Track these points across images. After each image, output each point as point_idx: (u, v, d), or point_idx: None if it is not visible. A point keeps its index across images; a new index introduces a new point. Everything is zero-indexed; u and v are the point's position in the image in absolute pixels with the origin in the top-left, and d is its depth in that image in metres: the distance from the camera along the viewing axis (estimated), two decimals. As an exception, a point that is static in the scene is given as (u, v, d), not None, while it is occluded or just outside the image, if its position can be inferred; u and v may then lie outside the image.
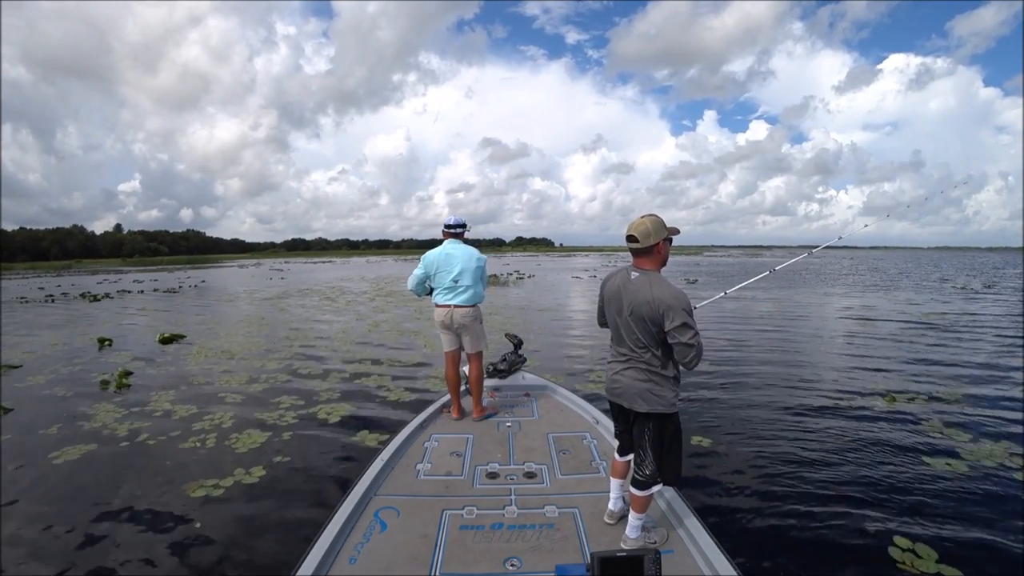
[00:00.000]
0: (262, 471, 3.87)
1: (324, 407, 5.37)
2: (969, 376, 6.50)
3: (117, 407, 5.62)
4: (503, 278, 27.49)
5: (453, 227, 3.69)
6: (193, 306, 16.89)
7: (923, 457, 3.97)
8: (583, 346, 8.64)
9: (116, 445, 4.56)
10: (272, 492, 3.58)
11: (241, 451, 4.31)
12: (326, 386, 6.22)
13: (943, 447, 4.19)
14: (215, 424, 4.97)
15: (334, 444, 4.41)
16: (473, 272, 3.61)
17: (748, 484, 3.61)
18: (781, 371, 6.89)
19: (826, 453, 4.12)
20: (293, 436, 4.61)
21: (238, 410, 5.39)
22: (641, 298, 2.08)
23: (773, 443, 4.34)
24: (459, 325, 3.66)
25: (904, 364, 7.20)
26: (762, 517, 3.18)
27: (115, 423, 5.10)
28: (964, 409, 5.15)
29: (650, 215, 2.15)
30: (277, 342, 9.41)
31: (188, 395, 6.03)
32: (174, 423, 5.05)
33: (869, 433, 4.54)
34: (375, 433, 4.56)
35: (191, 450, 4.38)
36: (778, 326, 10.65)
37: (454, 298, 3.62)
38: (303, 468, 3.95)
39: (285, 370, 7.12)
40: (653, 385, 2.13)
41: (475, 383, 3.76)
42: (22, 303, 18.84)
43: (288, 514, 3.30)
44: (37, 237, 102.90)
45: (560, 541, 2.25)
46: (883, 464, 3.92)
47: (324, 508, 3.16)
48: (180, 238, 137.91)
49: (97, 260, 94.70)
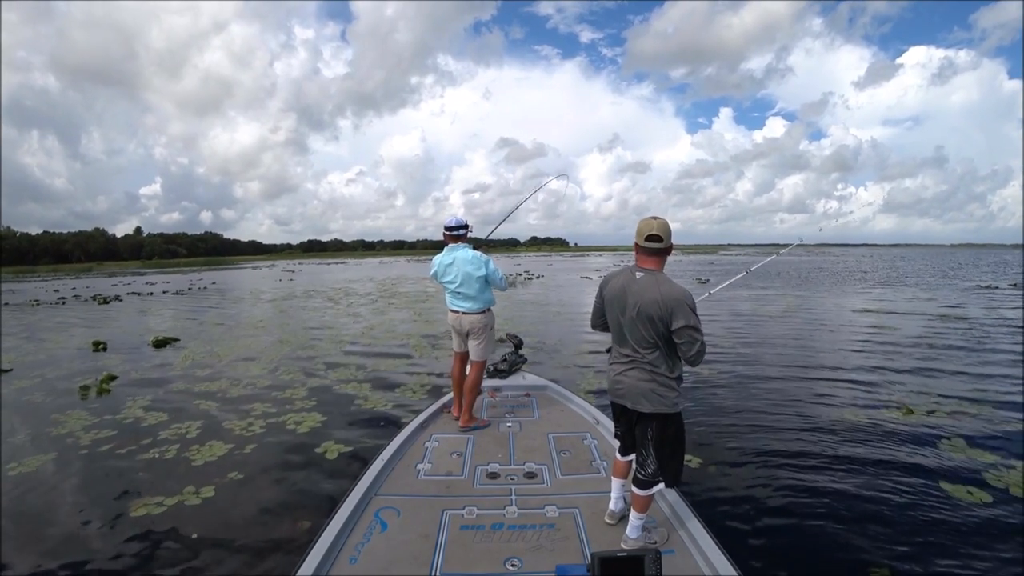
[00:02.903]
0: (211, 491, 3.60)
1: (294, 416, 5.11)
2: (997, 387, 5.86)
3: (90, 414, 5.46)
4: (511, 278, 27.24)
5: (453, 229, 3.52)
6: (196, 308, 16.92)
7: (941, 482, 3.49)
8: (581, 346, 8.31)
9: (76, 455, 4.39)
10: (212, 518, 3.28)
11: (198, 464, 4.08)
12: (303, 392, 5.98)
13: (965, 471, 3.70)
14: (180, 434, 4.75)
15: (294, 460, 4.13)
16: (476, 281, 3.49)
17: (750, 486, 3.54)
18: (790, 373, 6.63)
19: (832, 464, 3.87)
20: (255, 449, 4.35)
21: (207, 418, 5.17)
22: (649, 297, 2.08)
23: (778, 447, 4.19)
24: (468, 331, 3.60)
25: (924, 371, 6.64)
26: (763, 518, 3.14)
27: (81, 431, 4.93)
28: (991, 426, 4.58)
29: (657, 217, 2.19)
30: (267, 346, 9.24)
31: (163, 401, 5.85)
32: (140, 431, 4.86)
33: (881, 448, 4.12)
34: (339, 445, 4.29)
35: (149, 462, 4.17)
36: (790, 327, 10.21)
37: (461, 304, 3.56)
38: (253, 491, 3.66)
39: (267, 375, 6.90)
40: (657, 386, 2.13)
41: (470, 388, 3.61)
42: (33, 305, 19.11)
43: (219, 547, 2.98)
44: (60, 240, 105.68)
45: (560, 541, 2.25)
46: (893, 486, 3.51)
47: (254, 548, 2.93)
48: (198, 240, 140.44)
49: (117, 263, 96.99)
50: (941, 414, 4.87)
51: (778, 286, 19.60)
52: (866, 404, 5.27)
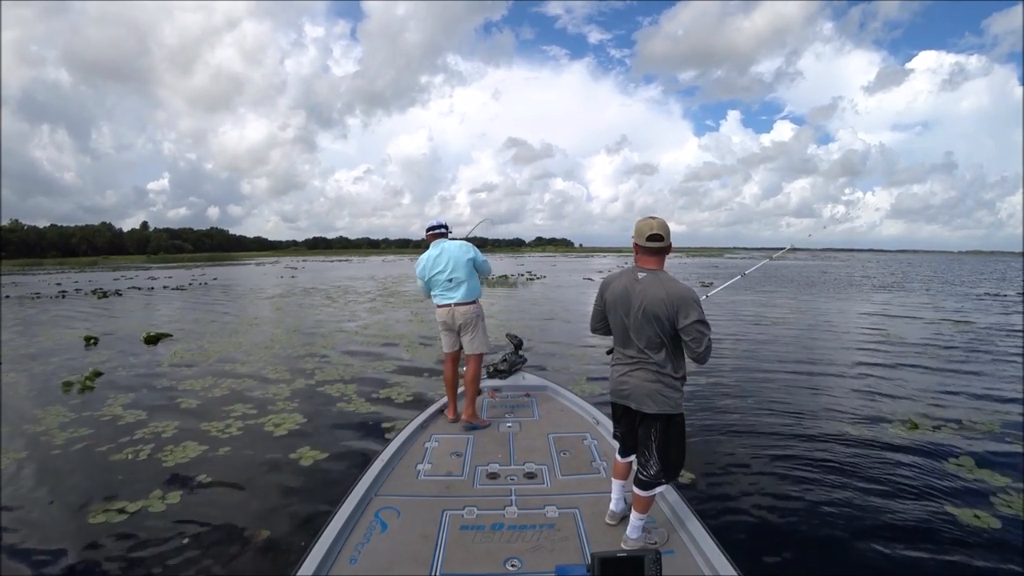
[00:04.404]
0: (177, 496, 3.45)
1: (274, 417, 4.95)
2: (1009, 403, 5.53)
3: (68, 411, 5.34)
4: (512, 279, 27.05)
5: (436, 228, 3.68)
6: (194, 304, 16.86)
7: (946, 505, 3.26)
8: (581, 347, 8.12)
9: (46, 455, 4.27)
10: (172, 527, 3.10)
11: (168, 466, 3.94)
12: (286, 393, 5.83)
13: (972, 492, 3.45)
14: (156, 433, 4.61)
15: (265, 466, 3.97)
16: (465, 264, 3.55)
17: (750, 488, 3.52)
18: (793, 379, 6.49)
19: (833, 474, 3.75)
20: (229, 452, 4.20)
21: (186, 418, 5.03)
22: (653, 296, 2.09)
23: (778, 452, 4.14)
24: (461, 324, 3.60)
25: (930, 382, 6.38)
26: (763, 520, 3.12)
27: (57, 429, 4.81)
28: (1003, 445, 4.28)
29: (655, 217, 2.20)
30: (258, 343, 9.10)
31: (144, 399, 5.72)
32: (116, 430, 4.74)
33: (882, 464, 3.91)
34: (315, 451, 4.12)
35: (119, 464, 4.03)
36: (793, 332, 10.01)
37: (452, 295, 3.57)
38: (218, 497, 3.49)
39: (253, 374, 6.75)
40: (662, 386, 2.13)
41: (470, 382, 3.67)
42: (34, 299, 19.11)
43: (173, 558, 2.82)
44: (67, 234, 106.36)
45: (560, 541, 2.24)
46: (895, 501, 3.32)
47: (210, 559, 2.77)
48: (204, 236, 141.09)
49: (123, 257, 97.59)
50: (948, 430, 4.61)
51: (783, 291, 19.34)
52: (869, 416, 5.05)
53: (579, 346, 8.42)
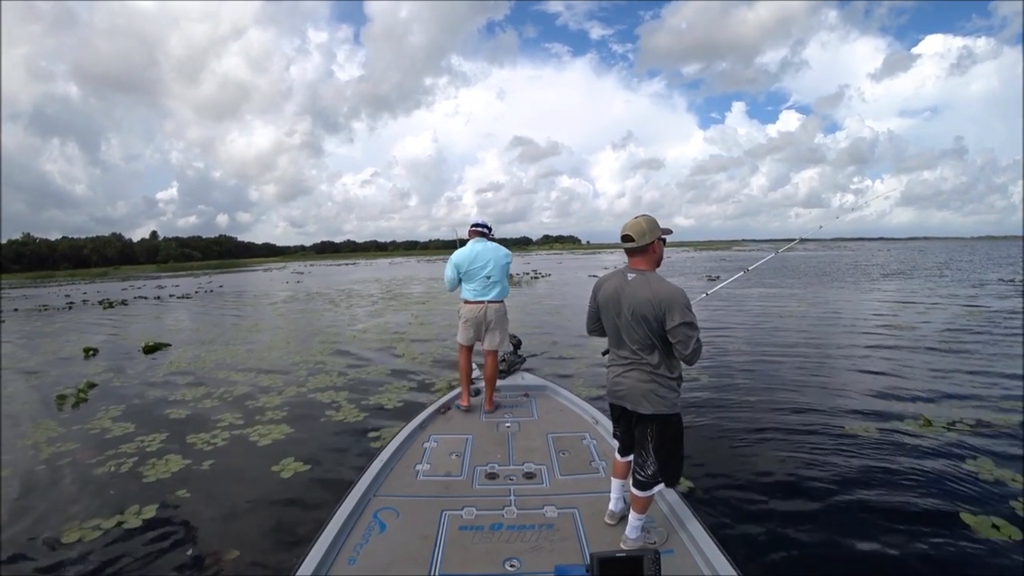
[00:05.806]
0: (153, 511, 3.34)
1: (261, 428, 4.84)
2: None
3: (58, 425, 5.29)
4: (517, 278, 26.90)
5: (480, 227, 3.85)
6: (197, 312, 16.91)
7: (961, 512, 3.01)
8: (580, 346, 7.95)
9: (29, 470, 4.19)
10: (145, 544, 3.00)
11: (149, 480, 3.84)
12: (277, 401, 5.72)
13: (991, 498, 3.19)
14: (141, 447, 4.52)
15: (246, 478, 3.86)
16: (502, 267, 3.78)
17: (750, 487, 3.46)
18: (798, 374, 6.31)
19: (838, 473, 3.61)
20: (211, 465, 4.08)
21: (173, 429, 4.94)
22: (641, 297, 2.08)
23: (780, 450, 4.05)
24: (491, 320, 3.78)
25: (945, 376, 6.11)
26: (763, 520, 3.06)
27: (45, 443, 4.75)
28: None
29: (644, 215, 2.17)
30: (254, 351, 9.04)
31: (135, 411, 5.64)
32: (103, 443, 4.66)
33: (892, 464, 3.71)
34: (297, 463, 4.00)
35: (101, 478, 3.95)
36: (800, 325, 9.74)
37: (487, 294, 3.76)
38: (194, 511, 3.37)
39: (246, 382, 6.66)
40: (657, 386, 2.12)
41: (490, 379, 3.87)
42: (41, 311, 19.28)
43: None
44: (78, 246, 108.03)
45: (559, 542, 2.24)
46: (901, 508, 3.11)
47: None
48: (213, 243, 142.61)
49: (134, 267, 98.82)
50: (963, 427, 4.35)
51: (791, 283, 18.98)
52: (879, 411, 4.83)
53: (579, 346, 8.24)
